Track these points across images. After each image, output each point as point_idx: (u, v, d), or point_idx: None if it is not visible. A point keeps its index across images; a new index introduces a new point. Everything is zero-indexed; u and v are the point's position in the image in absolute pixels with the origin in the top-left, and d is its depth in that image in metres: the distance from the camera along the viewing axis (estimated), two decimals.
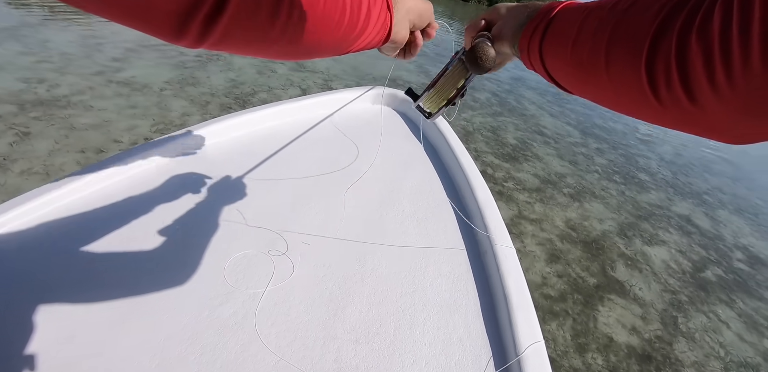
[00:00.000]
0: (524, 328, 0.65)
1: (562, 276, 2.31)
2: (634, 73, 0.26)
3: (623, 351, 1.93)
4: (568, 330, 1.96)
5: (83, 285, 0.60)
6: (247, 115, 1.09)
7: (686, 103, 0.24)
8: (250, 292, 0.64)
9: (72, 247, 0.65)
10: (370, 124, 1.30)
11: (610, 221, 3.13)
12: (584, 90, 0.35)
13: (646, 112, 0.28)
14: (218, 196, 0.83)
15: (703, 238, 3.41)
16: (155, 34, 0.24)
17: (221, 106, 3.19)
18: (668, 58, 0.24)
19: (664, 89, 0.24)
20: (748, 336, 2.35)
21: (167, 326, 0.57)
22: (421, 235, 0.85)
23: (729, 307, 2.57)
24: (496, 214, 0.90)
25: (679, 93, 0.23)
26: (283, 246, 0.74)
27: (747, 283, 2.95)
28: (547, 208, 3.00)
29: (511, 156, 3.77)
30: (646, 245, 2.95)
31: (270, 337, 0.58)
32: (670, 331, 2.17)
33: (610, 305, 2.20)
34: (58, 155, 2.18)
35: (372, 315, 0.65)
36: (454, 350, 0.63)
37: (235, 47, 0.28)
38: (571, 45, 0.33)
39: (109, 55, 3.65)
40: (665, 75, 0.24)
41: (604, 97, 0.32)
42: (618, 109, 0.32)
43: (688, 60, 0.22)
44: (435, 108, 0.51)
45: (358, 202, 0.91)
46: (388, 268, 0.75)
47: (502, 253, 0.79)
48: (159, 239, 0.70)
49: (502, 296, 0.71)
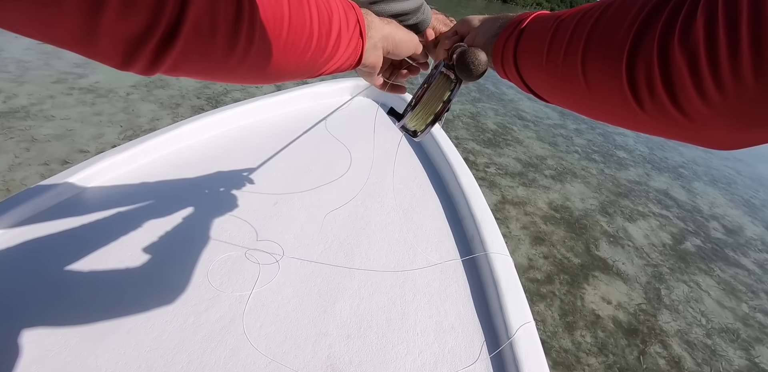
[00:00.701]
0: (514, 310, 0.65)
1: (548, 257, 2.35)
2: (613, 79, 0.25)
3: (610, 326, 1.98)
4: (556, 310, 1.99)
5: (57, 299, 0.57)
6: (218, 114, 1.05)
7: (673, 111, 0.22)
8: (236, 295, 0.62)
9: (43, 258, 0.62)
10: (351, 116, 1.27)
11: (591, 200, 3.19)
12: (562, 98, 0.34)
13: (630, 121, 0.26)
14: (195, 199, 0.80)
15: (681, 210, 3.51)
16: (101, 61, 0.22)
17: (193, 108, 3.10)
18: (650, 64, 0.22)
19: (648, 97, 0.23)
20: (728, 302, 2.44)
21: (150, 336, 0.55)
22: (407, 226, 0.85)
23: (709, 276, 2.66)
24: (482, 200, 0.90)
25: (664, 101, 0.22)
26: (267, 245, 0.73)
27: (724, 251, 3.05)
28: (529, 192, 3.03)
29: (492, 141, 3.79)
30: (627, 221, 3.02)
31: (259, 339, 0.57)
32: (654, 304, 2.23)
33: (596, 283, 2.25)
34: (19, 169, 2.08)
35: (363, 309, 0.64)
36: (447, 337, 0.62)
37: (192, 74, 0.27)
38: (545, 51, 0.32)
39: (70, 61, 3.48)
40: (647, 81, 0.22)
41: (584, 105, 0.31)
42: (599, 117, 0.30)
43: (672, 66, 0.21)
44: (422, 125, 0.47)
45: (341, 196, 0.90)
46: (377, 261, 0.74)
47: (489, 237, 0.79)
48: (136, 247, 0.67)
49: (491, 279, 0.71)
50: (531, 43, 0.35)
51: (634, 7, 0.24)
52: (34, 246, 0.64)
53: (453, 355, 0.60)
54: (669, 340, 2.01)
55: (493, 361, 0.61)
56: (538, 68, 0.34)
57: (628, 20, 0.24)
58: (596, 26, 0.27)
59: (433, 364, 0.59)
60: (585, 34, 0.28)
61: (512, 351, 0.60)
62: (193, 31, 0.22)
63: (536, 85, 0.37)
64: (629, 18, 0.24)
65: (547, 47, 0.32)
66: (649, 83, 0.22)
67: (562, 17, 0.32)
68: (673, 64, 0.21)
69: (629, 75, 0.24)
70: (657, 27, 0.22)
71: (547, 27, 0.33)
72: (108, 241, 0.67)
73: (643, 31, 0.23)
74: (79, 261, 0.63)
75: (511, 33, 0.38)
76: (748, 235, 3.44)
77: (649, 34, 0.22)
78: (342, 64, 0.38)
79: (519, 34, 0.37)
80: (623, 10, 0.25)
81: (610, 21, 0.26)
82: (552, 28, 0.32)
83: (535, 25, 0.36)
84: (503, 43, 0.39)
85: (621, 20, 0.25)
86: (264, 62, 0.29)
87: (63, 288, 0.59)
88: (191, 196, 0.81)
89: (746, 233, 3.47)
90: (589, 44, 0.27)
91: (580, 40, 0.28)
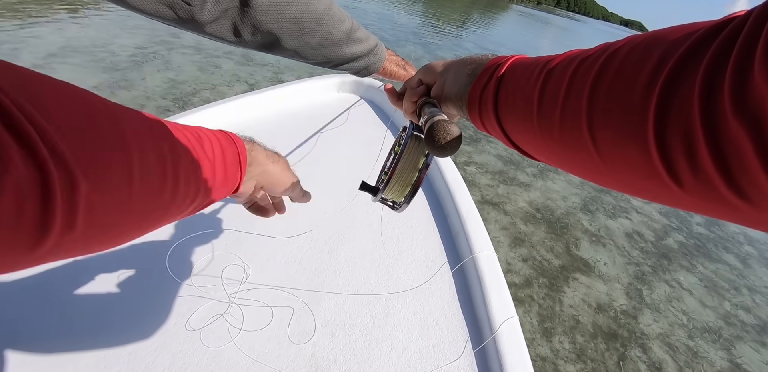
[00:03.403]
0: (498, 305, 0.65)
1: (527, 260, 2.28)
2: (636, 147, 0.19)
3: (589, 331, 1.92)
4: (534, 316, 1.93)
5: (34, 304, 0.56)
6: (187, 116, 1.00)
7: (726, 192, 0.16)
8: (218, 295, 0.62)
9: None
10: (336, 112, 1.22)
11: (574, 197, 3.13)
12: (565, 164, 0.27)
13: (661, 197, 0.21)
14: None
15: (663, 206, 3.48)
16: None
17: (158, 110, 2.95)
18: (690, 130, 0.16)
19: (688, 172, 0.17)
20: (710, 300, 2.41)
21: (132, 339, 0.54)
22: (392, 223, 0.85)
23: (691, 273, 2.63)
24: (467, 197, 0.91)
25: (714, 179, 0.16)
26: (251, 245, 0.72)
27: (706, 246, 3.03)
28: (510, 190, 2.96)
29: (473, 138, 3.70)
30: (609, 219, 2.97)
31: (243, 340, 0.57)
32: (635, 305, 2.18)
33: (575, 285, 2.19)
34: None
35: (347, 307, 0.65)
36: (432, 334, 0.63)
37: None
38: (535, 108, 0.26)
39: (27, 62, 3.30)
40: (688, 153, 0.17)
41: (594, 174, 0.25)
42: (617, 188, 0.24)
43: (725, 134, 0.15)
44: (400, 197, 0.43)
45: (326, 195, 0.89)
46: (361, 258, 0.74)
47: (474, 233, 0.80)
48: (116, 249, 0.64)
49: (475, 275, 0.71)
50: (515, 95, 0.29)
51: (655, 51, 0.19)
52: None
53: (437, 351, 0.61)
54: (650, 343, 1.96)
55: (477, 356, 0.61)
56: (528, 128, 0.28)
57: (650, 68, 0.18)
58: (602, 76, 0.21)
59: (417, 361, 0.59)
60: (587, 87, 0.22)
61: (495, 346, 0.60)
62: None
63: (526, 145, 0.31)
64: (651, 65, 0.18)
65: (537, 103, 0.26)
66: (690, 157, 0.17)
67: (550, 64, 0.26)
68: (726, 131, 0.15)
69: (660, 145, 0.18)
70: (696, 79, 0.16)
71: (533, 76, 0.27)
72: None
73: (674, 84, 0.17)
74: (56, 266, 0.61)
75: (487, 81, 0.32)
76: (730, 229, 3.42)
77: (683, 89, 0.17)
78: (210, 201, 0.33)
79: (497, 83, 0.31)
80: (639, 54, 0.20)
81: (623, 69, 0.20)
82: (540, 78, 0.26)
83: (516, 73, 0.30)
84: (479, 94, 0.33)
85: (639, 68, 0.19)
86: (102, 235, 0.22)
87: (40, 291, 0.58)
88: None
89: (729, 227, 3.45)
90: (594, 102, 0.21)
91: (582, 97, 0.22)
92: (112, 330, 0.55)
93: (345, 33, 0.53)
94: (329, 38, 0.52)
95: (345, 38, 0.53)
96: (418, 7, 14.90)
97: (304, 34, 0.49)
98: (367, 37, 0.57)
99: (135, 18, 4.83)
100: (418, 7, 14.90)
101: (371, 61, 0.59)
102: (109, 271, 0.63)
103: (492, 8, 38.49)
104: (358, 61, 0.58)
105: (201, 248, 0.70)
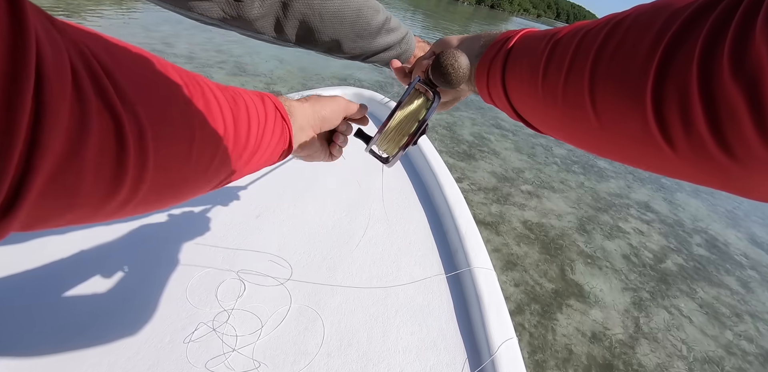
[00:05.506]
0: (496, 326, 0.64)
1: (519, 284, 2.18)
2: (633, 111, 0.20)
3: (583, 363, 1.82)
4: (525, 347, 1.83)
5: (25, 319, 0.54)
6: None
7: (717, 153, 0.17)
8: (214, 312, 0.61)
9: (12, 277, 0.59)
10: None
11: (569, 216, 3.04)
12: (563, 131, 0.29)
13: (654, 163, 0.21)
14: (171, 212, 0.78)
15: (662, 225, 3.39)
16: None
17: None
18: (687, 92, 0.17)
19: (682, 135, 0.18)
20: (710, 329, 2.30)
21: (124, 357, 0.53)
22: (391, 240, 0.83)
23: (690, 299, 2.52)
24: (466, 212, 0.89)
25: (706, 140, 0.17)
26: (246, 261, 0.71)
27: (707, 269, 2.93)
28: (503, 209, 2.88)
29: (467, 154, 3.64)
30: (606, 240, 2.88)
31: (237, 359, 0.56)
32: (632, 334, 2.08)
33: (569, 312, 2.09)
34: None
35: (344, 326, 0.64)
36: (429, 355, 0.62)
37: (63, 225, 0.20)
38: (540, 75, 0.28)
39: None
40: (683, 115, 0.17)
41: (592, 141, 0.26)
42: (612, 156, 0.25)
43: (720, 95, 0.16)
44: (394, 149, 0.42)
45: (323, 210, 0.87)
46: (359, 276, 0.73)
47: (473, 252, 0.78)
48: (110, 263, 0.64)
49: (474, 294, 0.70)
50: (522, 64, 0.31)
51: (658, 19, 0.19)
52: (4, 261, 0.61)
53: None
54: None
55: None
56: (532, 95, 0.29)
57: (653, 35, 0.19)
58: (607, 43, 0.22)
59: None
60: (592, 52, 0.23)
61: (494, 368, 0.59)
62: (49, 185, 0.17)
63: (529, 115, 0.33)
64: (653, 32, 0.19)
65: (543, 70, 0.27)
66: (685, 117, 0.17)
67: (558, 35, 0.28)
68: (721, 92, 0.16)
69: (656, 106, 0.19)
70: (696, 44, 0.17)
71: (540, 46, 0.29)
72: (79, 257, 0.64)
73: (674, 49, 0.18)
74: (49, 278, 0.60)
75: (497, 52, 0.34)
76: (731, 250, 3.33)
77: (683, 54, 0.17)
78: (271, 154, 0.36)
79: (506, 54, 0.33)
80: (643, 23, 0.20)
81: (627, 36, 0.21)
82: (547, 48, 0.28)
83: (525, 44, 0.32)
84: (488, 64, 0.35)
85: (642, 35, 0.20)
86: (162, 194, 0.24)
87: (32, 306, 0.56)
88: (167, 209, 0.77)
89: (730, 248, 3.36)
90: (598, 66, 0.22)
91: (586, 61, 0.23)
92: (104, 346, 0.54)
93: (381, 23, 0.53)
94: (367, 29, 0.52)
95: (380, 28, 0.54)
96: (418, 17, 15.04)
97: (344, 26, 0.50)
98: (399, 25, 0.57)
99: (127, 26, 4.81)
100: (418, 17, 15.04)
101: (403, 49, 0.59)
102: (102, 285, 0.62)
103: (492, 20, 38.94)
104: (390, 50, 0.58)
105: (197, 262, 0.69)
